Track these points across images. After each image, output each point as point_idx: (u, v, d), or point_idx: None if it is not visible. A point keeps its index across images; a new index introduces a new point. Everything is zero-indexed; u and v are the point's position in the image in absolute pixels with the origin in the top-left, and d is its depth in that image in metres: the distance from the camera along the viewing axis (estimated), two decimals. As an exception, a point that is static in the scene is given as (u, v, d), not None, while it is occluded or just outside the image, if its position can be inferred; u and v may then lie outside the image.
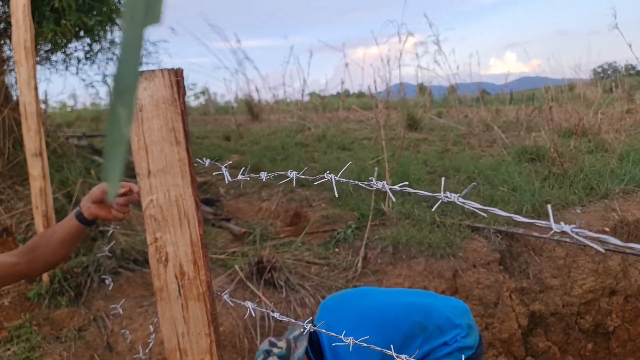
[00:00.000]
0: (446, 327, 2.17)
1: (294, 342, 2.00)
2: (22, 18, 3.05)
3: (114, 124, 0.29)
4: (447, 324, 2.18)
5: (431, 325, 2.16)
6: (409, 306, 2.21)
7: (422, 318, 2.16)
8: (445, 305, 2.30)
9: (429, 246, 3.94)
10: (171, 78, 1.06)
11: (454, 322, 2.19)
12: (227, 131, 7.76)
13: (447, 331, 2.17)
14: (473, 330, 2.24)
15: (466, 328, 2.20)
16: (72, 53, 5.66)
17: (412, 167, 5.36)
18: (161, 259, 1.12)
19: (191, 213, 1.11)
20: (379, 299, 2.30)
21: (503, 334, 3.83)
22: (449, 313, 2.22)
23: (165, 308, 1.13)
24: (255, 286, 3.41)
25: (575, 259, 4.16)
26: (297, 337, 2.03)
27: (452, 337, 2.16)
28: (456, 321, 2.19)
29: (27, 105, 3.03)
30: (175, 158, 1.09)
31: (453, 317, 2.20)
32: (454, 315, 2.21)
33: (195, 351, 1.15)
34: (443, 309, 2.24)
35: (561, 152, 5.46)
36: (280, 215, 4.71)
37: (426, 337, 2.14)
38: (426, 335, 2.14)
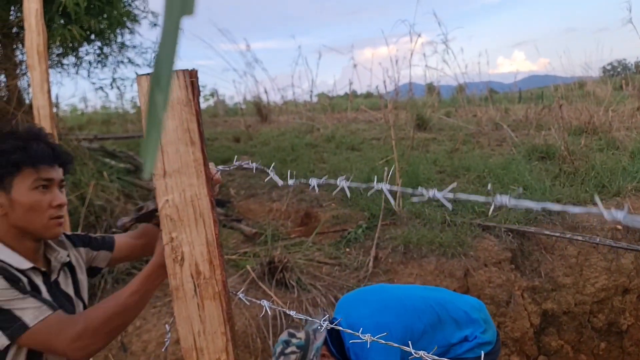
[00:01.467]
0: (463, 321, 2.18)
1: (313, 334, 2.02)
2: (35, 23, 3.09)
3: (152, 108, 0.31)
4: (464, 318, 2.19)
5: (448, 318, 2.17)
6: (427, 299, 2.23)
7: (440, 311, 2.18)
8: (461, 300, 2.31)
9: (440, 245, 3.94)
10: (186, 79, 1.07)
11: (471, 316, 2.20)
12: (236, 133, 7.80)
13: (464, 325, 2.18)
14: (490, 326, 2.25)
15: (483, 323, 2.21)
16: (84, 56, 5.71)
17: (421, 166, 5.36)
18: (177, 258, 1.12)
19: (206, 213, 1.11)
20: (396, 292, 2.32)
21: (515, 333, 3.82)
22: (465, 307, 2.23)
23: (181, 307, 1.14)
24: (267, 286, 3.42)
25: (588, 257, 4.14)
26: (316, 329, 2.05)
27: (470, 332, 2.17)
28: (473, 316, 2.20)
29: (41, 109, 3.05)
30: (191, 158, 1.09)
31: (470, 312, 2.21)
32: (470, 310, 2.22)
33: (211, 350, 1.15)
34: (459, 304, 2.25)
35: (572, 150, 5.44)
36: (290, 215, 4.73)
37: (444, 330, 2.15)
38: (444, 328, 2.15)
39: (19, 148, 1.32)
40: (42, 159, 1.34)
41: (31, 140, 1.35)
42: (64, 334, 1.22)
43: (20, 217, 1.33)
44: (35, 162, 1.33)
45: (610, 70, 12.59)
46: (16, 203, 1.32)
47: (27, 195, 1.32)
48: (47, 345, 1.25)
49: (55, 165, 1.38)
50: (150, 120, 0.31)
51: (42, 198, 1.34)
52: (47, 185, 1.36)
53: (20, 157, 1.32)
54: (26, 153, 1.32)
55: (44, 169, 1.34)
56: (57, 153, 1.39)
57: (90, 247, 1.61)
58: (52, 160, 1.37)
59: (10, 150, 1.32)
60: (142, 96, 1.08)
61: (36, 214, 1.34)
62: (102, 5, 4.78)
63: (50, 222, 1.36)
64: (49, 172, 1.36)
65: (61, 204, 1.37)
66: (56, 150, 1.39)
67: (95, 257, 1.62)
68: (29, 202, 1.32)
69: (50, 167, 1.36)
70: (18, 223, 1.34)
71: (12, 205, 1.32)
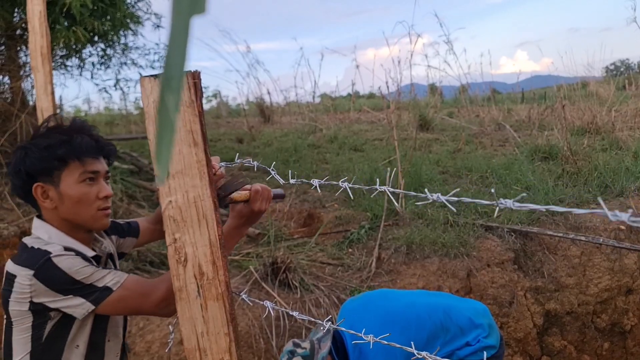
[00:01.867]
0: (467, 328, 2.18)
1: (318, 343, 2.01)
2: (39, 24, 3.10)
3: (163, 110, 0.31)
4: (468, 324, 2.18)
5: (453, 325, 2.16)
6: (430, 307, 2.22)
7: (444, 318, 2.17)
8: (465, 306, 2.30)
9: (442, 246, 3.94)
10: (188, 80, 1.07)
11: (475, 322, 2.19)
12: (239, 134, 7.80)
13: (468, 331, 2.17)
14: (494, 330, 2.24)
15: (487, 328, 2.20)
16: (87, 58, 5.73)
17: (424, 167, 5.36)
18: (180, 259, 1.13)
19: (210, 214, 1.12)
20: (400, 300, 2.31)
21: (518, 333, 3.81)
22: (469, 313, 2.22)
23: (184, 308, 1.14)
24: (270, 287, 3.43)
25: (591, 257, 4.13)
26: (321, 338, 2.05)
27: (474, 337, 2.16)
28: (477, 321, 2.20)
29: (44, 111, 3.07)
30: (194, 159, 1.10)
31: (474, 317, 2.20)
32: (474, 316, 2.21)
33: (214, 350, 1.16)
34: (463, 310, 2.24)
35: (575, 150, 5.43)
36: (293, 216, 4.73)
37: (448, 337, 2.15)
38: (448, 335, 2.15)
39: (64, 142, 1.35)
40: (87, 152, 1.37)
41: (75, 134, 1.38)
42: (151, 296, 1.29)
43: (70, 209, 1.37)
44: (80, 155, 1.36)
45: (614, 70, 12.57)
46: (65, 196, 1.36)
47: (75, 188, 1.36)
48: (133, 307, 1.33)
49: (99, 157, 1.42)
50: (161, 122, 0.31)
51: (90, 190, 1.38)
52: (94, 177, 1.39)
53: (66, 151, 1.35)
54: (71, 146, 1.35)
55: (89, 162, 1.38)
56: (100, 145, 1.42)
57: (119, 234, 1.66)
58: (96, 152, 1.40)
59: (56, 144, 1.35)
60: (146, 97, 1.08)
61: (84, 206, 1.38)
62: (106, 7, 4.80)
63: (98, 213, 1.40)
64: (95, 165, 1.39)
65: (107, 195, 1.41)
66: (100, 142, 1.42)
67: (122, 243, 1.69)
68: (77, 195, 1.36)
69: (95, 160, 1.39)
70: (68, 216, 1.38)
71: (61, 199, 1.36)
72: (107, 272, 1.32)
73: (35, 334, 1.33)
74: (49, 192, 1.37)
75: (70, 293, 1.28)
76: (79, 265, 1.29)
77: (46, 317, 1.31)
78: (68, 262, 1.28)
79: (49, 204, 1.38)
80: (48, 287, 1.27)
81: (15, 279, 1.30)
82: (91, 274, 1.29)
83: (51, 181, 1.36)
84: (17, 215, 4.22)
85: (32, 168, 1.35)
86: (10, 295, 1.31)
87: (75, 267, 1.28)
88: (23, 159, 1.36)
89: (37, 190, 1.37)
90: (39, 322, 1.32)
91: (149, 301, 1.30)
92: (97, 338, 1.40)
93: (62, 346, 1.35)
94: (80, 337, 1.36)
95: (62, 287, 1.27)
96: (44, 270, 1.27)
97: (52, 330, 1.33)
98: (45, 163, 1.35)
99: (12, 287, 1.30)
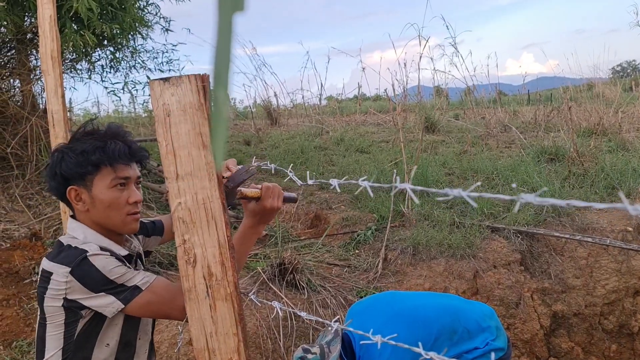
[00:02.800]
0: (475, 331, 2.18)
1: (327, 347, 2.02)
2: (49, 28, 3.14)
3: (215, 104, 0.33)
4: (475, 328, 2.19)
5: (460, 328, 2.17)
6: (438, 309, 2.23)
7: (451, 321, 2.17)
8: (473, 308, 2.31)
9: (449, 247, 3.94)
10: (198, 84, 1.09)
11: (482, 325, 2.19)
12: (247, 136, 7.83)
13: (476, 335, 2.18)
14: (501, 332, 2.25)
15: (495, 331, 2.21)
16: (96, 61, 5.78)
17: (430, 168, 5.37)
18: (190, 260, 1.14)
19: (218, 215, 1.13)
20: (407, 301, 2.32)
21: (525, 335, 3.82)
22: (477, 316, 2.22)
23: (193, 308, 1.15)
24: (278, 287, 3.45)
25: (598, 259, 4.13)
26: (330, 342, 2.05)
27: (482, 340, 2.17)
28: (484, 324, 2.20)
29: (55, 113, 3.10)
30: (203, 162, 1.11)
31: (481, 320, 2.20)
32: (482, 319, 2.21)
33: (223, 351, 1.16)
34: (471, 313, 2.24)
35: (581, 151, 5.42)
36: (300, 217, 4.75)
37: (455, 339, 2.15)
38: (455, 337, 2.15)
39: (98, 148, 1.40)
40: (119, 158, 1.42)
41: (109, 140, 1.42)
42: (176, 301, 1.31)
43: (101, 213, 1.43)
44: (112, 161, 1.41)
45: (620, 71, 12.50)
46: (97, 200, 1.42)
47: (106, 193, 1.41)
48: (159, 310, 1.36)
49: (131, 163, 1.46)
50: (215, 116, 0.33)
51: (120, 195, 1.43)
52: (124, 183, 1.43)
53: (98, 157, 1.40)
54: (104, 153, 1.40)
55: (120, 168, 1.42)
56: (133, 151, 1.46)
57: (145, 233, 1.71)
58: (128, 158, 1.44)
59: (90, 150, 1.40)
60: (155, 100, 1.10)
61: (114, 210, 1.43)
62: (115, 10, 4.84)
63: (128, 218, 1.45)
64: (126, 171, 1.43)
65: (137, 200, 1.45)
66: (132, 148, 1.46)
67: (148, 242, 1.74)
68: (108, 200, 1.41)
69: (126, 166, 1.44)
70: (99, 219, 1.44)
71: (93, 203, 1.42)
72: (138, 272, 1.37)
73: (67, 331, 1.38)
74: (82, 195, 1.43)
75: (103, 291, 1.33)
76: (112, 265, 1.34)
77: (78, 316, 1.36)
78: (103, 261, 1.34)
79: (81, 206, 1.43)
80: (83, 285, 1.32)
81: (51, 276, 1.34)
82: (123, 274, 1.34)
83: (84, 185, 1.41)
84: (28, 217, 4.27)
85: (66, 172, 1.41)
86: (46, 292, 1.36)
87: (109, 266, 1.33)
88: (59, 162, 1.42)
89: (71, 193, 1.43)
90: (71, 319, 1.37)
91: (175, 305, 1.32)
92: (128, 337, 1.45)
93: (93, 344, 1.40)
94: (111, 336, 1.41)
95: (95, 285, 1.32)
96: (80, 268, 1.32)
97: (83, 329, 1.38)
98: (79, 168, 1.40)
99: (48, 284, 1.35)
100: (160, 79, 1.09)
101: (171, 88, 1.09)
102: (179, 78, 1.09)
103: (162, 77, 1.10)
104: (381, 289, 3.63)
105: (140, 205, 1.47)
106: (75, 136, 1.46)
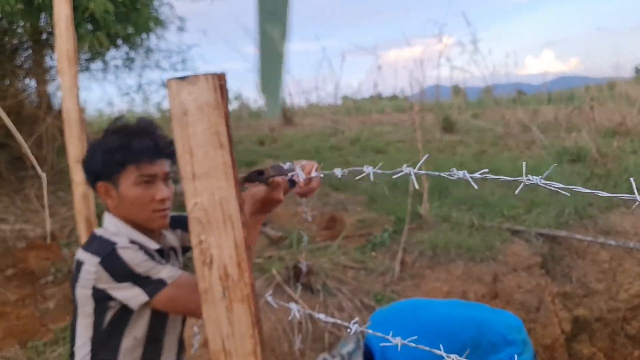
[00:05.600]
0: (500, 344, 2.11)
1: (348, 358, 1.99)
2: (65, 28, 3.13)
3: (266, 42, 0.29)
4: (500, 341, 2.11)
5: (484, 341, 2.10)
6: (463, 320, 2.16)
7: (476, 334, 2.11)
8: (499, 320, 2.23)
9: (467, 250, 3.88)
10: (214, 82, 1.06)
11: (508, 338, 2.12)
12: (260, 136, 7.83)
13: (501, 348, 2.11)
14: (528, 346, 2.17)
15: (521, 344, 2.13)
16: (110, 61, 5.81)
17: (448, 169, 5.29)
18: (206, 261, 1.12)
19: (235, 215, 1.10)
20: (431, 311, 2.26)
21: (546, 340, 3.73)
22: (503, 329, 2.15)
23: (210, 310, 1.13)
24: (293, 290, 3.41)
25: (621, 262, 4.03)
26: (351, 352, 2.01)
27: (506, 354, 2.10)
28: (510, 337, 2.12)
29: (70, 113, 3.10)
30: (220, 161, 1.09)
31: (507, 333, 2.13)
32: (508, 331, 2.14)
33: (240, 352, 1.14)
34: (496, 325, 2.17)
35: (604, 152, 5.31)
36: (315, 219, 4.72)
37: (479, 352, 2.08)
38: (480, 350, 2.09)
39: (123, 146, 1.41)
40: (143, 156, 1.41)
41: (135, 137, 1.42)
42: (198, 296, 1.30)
43: (128, 210, 1.45)
44: (137, 160, 1.41)
45: (643, 70, 12.29)
46: (123, 197, 1.44)
47: (131, 190, 1.43)
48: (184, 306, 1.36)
49: (158, 159, 1.44)
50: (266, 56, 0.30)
51: (145, 193, 1.43)
52: (150, 180, 1.43)
53: (123, 156, 1.41)
54: (129, 151, 1.40)
55: (145, 166, 1.42)
56: (159, 148, 1.44)
57: (183, 228, 1.69)
58: (154, 155, 1.43)
59: (115, 148, 1.41)
60: (172, 99, 1.07)
61: (140, 207, 1.44)
62: (129, 11, 4.85)
63: (154, 214, 1.45)
64: (152, 168, 1.43)
65: (164, 198, 1.44)
66: (159, 145, 1.44)
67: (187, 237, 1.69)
68: (133, 197, 1.43)
69: (151, 163, 1.43)
70: (127, 215, 1.46)
71: (120, 199, 1.44)
72: (164, 266, 1.38)
73: (96, 320, 1.42)
74: (110, 191, 1.45)
75: (129, 282, 1.35)
76: (140, 258, 1.36)
77: (106, 307, 1.39)
78: (130, 254, 1.37)
79: (110, 202, 1.46)
80: (110, 275, 1.35)
81: (82, 265, 1.39)
82: (150, 268, 1.36)
83: (112, 182, 1.43)
84: (43, 217, 4.29)
85: (94, 169, 1.45)
86: (78, 281, 1.40)
87: (136, 260, 1.36)
88: (90, 159, 1.46)
89: (100, 189, 1.46)
90: (100, 310, 1.40)
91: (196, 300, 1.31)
92: (156, 331, 1.46)
93: (121, 336, 1.43)
94: (139, 329, 1.43)
95: (121, 277, 1.35)
96: (108, 260, 1.36)
97: (112, 320, 1.41)
98: (104, 167, 1.42)
99: (80, 273, 1.39)
100: (177, 77, 1.07)
101: (188, 87, 1.07)
102: (196, 77, 1.07)
103: (179, 76, 1.08)
104: (398, 293, 3.58)
105: (169, 201, 1.47)
106: (106, 131, 1.47)
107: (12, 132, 2.82)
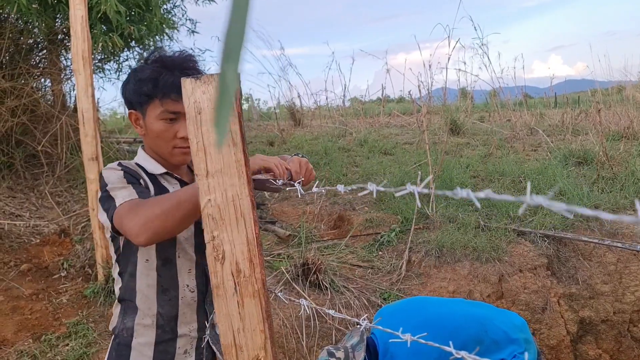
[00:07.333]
0: (503, 342, 2.14)
1: (352, 351, 2.02)
2: (80, 29, 3.21)
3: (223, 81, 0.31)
4: (504, 339, 2.14)
5: (488, 339, 2.13)
6: (467, 317, 2.19)
7: (479, 331, 2.13)
8: (502, 318, 2.26)
9: (474, 250, 3.90)
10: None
11: (511, 336, 2.14)
12: (270, 137, 7.87)
13: (504, 346, 2.13)
14: (531, 345, 2.20)
15: (523, 343, 2.15)
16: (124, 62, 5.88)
17: (455, 171, 5.32)
18: (218, 256, 1.15)
19: (247, 212, 1.14)
20: (436, 308, 2.29)
21: (551, 341, 3.75)
22: (506, 327, 2.17)
23: (221, 305, 1.16)
24: (301, 287, 3.46)
25: (627, 264, 4.04)
26: (355, 345, 2.04)
27: (509, 352, 2.12)
28: (513, 336, 2.15)
29: (85, 112, 3.17)
30: (232, 159, 1.12)
31: (510, 332, 2.16)
32: (511, 330, 2.17)
33: (250, 347, 1.17)
34: (500, 323, 2.20)
35: (611, 155, 5.31)
36: (324, 218, 4.76)
37: (482, 350, 2.12)
38: (482, 348, 2.12)
39: (152, 79, 1.42)
40: (169, 92, 1.42)
41: (166, 71, 1.43)
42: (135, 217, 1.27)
43: (151, 141, 1.49)
44: (162, 95, 1.42)
45: (652, 73, 12.19)
46: (148, 128, 1.47)
47: (155, 124, 1.45)
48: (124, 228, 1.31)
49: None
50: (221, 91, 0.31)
51: (167, 129, 1.45)
52: (174, 117, 1.45)
53: (150, 89, 1.42)
54: (156, 85, 1.42)
55: (170, 102, 1.43)
56: None
57: None
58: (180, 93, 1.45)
59: (145, 80, 1.43)
60: (187, 98, 1.12)
61: (162, 141, 1.47)
62: (142, 12, 4.92)
63: (175, 150, 1.48)
64: (176, 105, 1.43)
65: (185, 136, 1.43)
66: None
67: None
68: (155, 131, 1.46)
69: (176, 101, 1.42)
70: (151, 146, 1.51)
71: (146, 129, 1.48)
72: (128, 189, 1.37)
73: (114, 244, 1.47)
74: (139, 120, 1.49)
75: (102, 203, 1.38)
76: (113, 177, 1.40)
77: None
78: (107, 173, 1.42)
79: (139, 130, 1.50)
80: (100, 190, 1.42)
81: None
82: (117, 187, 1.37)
83: (141, 111, 1.47)
84: (57, 213, 4.36)
85: (127, 97, 1.49)
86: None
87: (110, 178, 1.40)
88: (125, 86, 1.49)
89: (132, 117, 1.50)
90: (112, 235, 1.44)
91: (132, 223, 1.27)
92: (167, 253, 1.47)
93: (135, 259, 1.46)
94: (148, 252, 1.45)
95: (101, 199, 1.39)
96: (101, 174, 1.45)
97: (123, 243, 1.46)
98: (135, 96, 1.45)
99: None
100: (192, 77, 1.11)
101: (202, 86, 1.11)
102: (210, 76, 1.10)
103: (193, 75, 1.12)
104: (405, 291, 3.62)
105: None
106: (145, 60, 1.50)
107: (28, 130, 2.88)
